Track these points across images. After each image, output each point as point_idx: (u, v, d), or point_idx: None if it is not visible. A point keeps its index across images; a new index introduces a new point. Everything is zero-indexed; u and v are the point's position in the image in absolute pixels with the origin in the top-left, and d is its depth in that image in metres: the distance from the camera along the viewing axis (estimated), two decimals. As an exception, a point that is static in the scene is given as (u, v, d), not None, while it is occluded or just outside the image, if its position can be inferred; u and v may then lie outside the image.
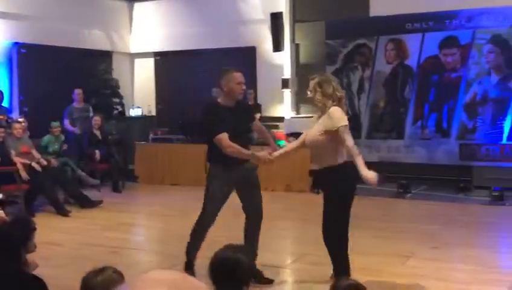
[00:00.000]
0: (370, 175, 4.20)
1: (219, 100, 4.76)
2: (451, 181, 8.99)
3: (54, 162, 8.19)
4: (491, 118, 8.99)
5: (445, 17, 9.15)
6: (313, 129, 4.39)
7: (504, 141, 8.88)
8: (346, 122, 4.23)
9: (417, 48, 9.43)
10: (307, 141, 4.46)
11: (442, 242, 6.02)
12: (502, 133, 8.90)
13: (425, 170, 9.36)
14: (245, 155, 4.50)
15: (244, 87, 4.77)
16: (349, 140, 4.23)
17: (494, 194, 8.16)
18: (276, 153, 4.65)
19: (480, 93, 9.05)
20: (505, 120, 8.87)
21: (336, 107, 4.28)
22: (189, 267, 4.77)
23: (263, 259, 5.20)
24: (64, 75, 10.39)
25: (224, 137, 4.44)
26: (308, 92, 4.44)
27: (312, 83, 4.39)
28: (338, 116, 4.24)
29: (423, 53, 9.40)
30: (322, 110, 4.34)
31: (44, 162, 7.99)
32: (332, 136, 4.24)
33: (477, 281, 4.75)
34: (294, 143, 4.77)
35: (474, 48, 9.04)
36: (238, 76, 4.67)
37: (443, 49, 9.26)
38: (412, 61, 9.49)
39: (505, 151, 8.89)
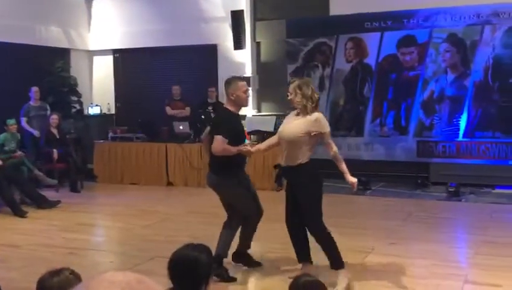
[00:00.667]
0: (353, 180, 4.74)
1: (228, 107, 4.97)
2: (409, 177, 9.16)
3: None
4: (447, 116, 9.19)
5: (403, 16, 9.30)
6: (292, 128, 4.66)
7: (460, 138, 9.10)
8: (329, 128, 4.64)
9: (376, 46, 9.57)
10: (285, 136, 4.68)
11: (400, 238, 6.13)
12: (458, 130, 9.11)
13: (384, 167, 9.51)
14: (235, 150, 4.75)
15: (249, 95, 5.11)
16: (334, 145, 4.71)
17: (450, 190, 8.36)
18: (262, 145, 5.09)
19: (437, 91, 9.24)
20: (460, 118, 9.08)
21: (320, 114, 4.65)
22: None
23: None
24: (20, 73, 10.14)
25: (224, 141, 4.71)
26: (288, 94, 4.68)
27: (292, 86, 4.66)
28: (324, 122, 4.65)
29: (382, 52, 9.54)
30: (302, 111, 4.62)
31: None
32: (311, 137, 4.60)
33: (434, 276, 4.85)
34: (273, 138, 5.01)
35: (431, 47, 9.23)
36: (244, 85, 4.95)
37: (401, 48, 9.42)
38: (370, 59, 9.62)
39: (461, 148, 9.11)
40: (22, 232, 6.68)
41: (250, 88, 10.29)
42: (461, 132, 9.08)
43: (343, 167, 4.75)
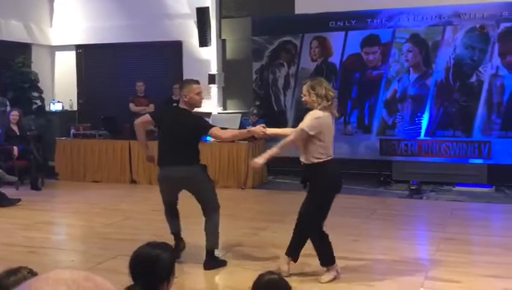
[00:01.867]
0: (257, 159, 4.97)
1: (185, 107, 5.20)
2: (372, 175, 9.28)
3: None
4: (409, 115, 9.34)
5: (367, 16, 9.40)
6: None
7: (422, 136, 9.25)
8: (310, 128, 4.64)
9: (340, 45, 9.65)
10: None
11: (363, 235, 6.21)
12: (420, 129, 9.27)
13: (347, 165, 9.58)
14: (244, 134, 5.48)
15: (203, 97, 5.39)
16: (292, 136, 4.82)
17: (412, 187, 8.49)
18: (270, 130, 5.35)
19: (400, 91, 9.38)
20: (422, 117, 9.24)
21: (319, 112, 4.67)
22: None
23: (186, 256, 5.18)
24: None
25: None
26: (302, 96, 4.79)
27: (305, 87, 4.74)
28: (309, 119, 4.69)
29: (346, 51, 9.63)
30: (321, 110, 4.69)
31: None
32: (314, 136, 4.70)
33: (395, 272, 4.92)
34: (286, 130, 5.36)
35: (395, 47, 9.36)
36: (198, 87, 5.20)
37: (365, 47, 9.52)
38: (335, 58, 9.70)
39: (422, 146, 9.26)
40: (-21, 231, 6.52)
41: (215, 84, 10.39)
42: (423, 131, 9.23)
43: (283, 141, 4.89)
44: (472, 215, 7.49)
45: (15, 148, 8.86)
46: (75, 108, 11.65)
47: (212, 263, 5.07)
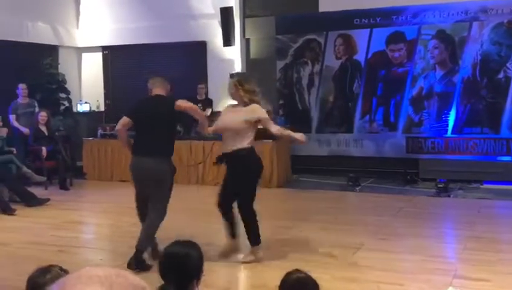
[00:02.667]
0: (299, 136, 5.19)
1: None
2: (398, 174, 9.20)
3: None
4: (436, 112, 9.24)
5: (392, 13, 9.33)
6: (233, 117, 5.12)
7: (449, 134, 9.15)
8: (266, 115, 5.11)
9: (365, 43, 9.60)
10: (227, 125, 5.16)
11: (390, 233, 6.16)
12: (446, 126, 9.17)
13: (373, 163, 9.55)
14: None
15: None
16: (273, 127, 5.16)
17: (439, 186, 8.39)
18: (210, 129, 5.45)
19: (426, 88, 9.29)
20: (449, 114, 9.14)
21: (256, 105, 5.09)
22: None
23: (214, 255, 5.20)
24: (6, 70, 10.04)
25: None
26: (228, 90, 5.24)
27: (232, 82, 5.25)
28: (261, 110, 5.10)
29: (371, 48, 9.57)
30: (240, 103, 5.14)
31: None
32: (251, 125, 5.06)
33: (424, 271, 4.88)
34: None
35: (420, 44, 9.27)
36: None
37: (390, 44, 9.45)
38: (360, 56, 9.65)
39: (449, 144, 9.16)
40: (10, 230, 6.64)
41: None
42: (450, 128, 9.13)
43: (287, 131, 5.32)
44: (500, 213, 7.39)
45: (43, 148, 9.01)
46: (102, 109, 11.78)
47: (137, 264, 4.81)
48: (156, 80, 5.41)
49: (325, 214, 7.12)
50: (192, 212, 7.32)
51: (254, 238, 5.18)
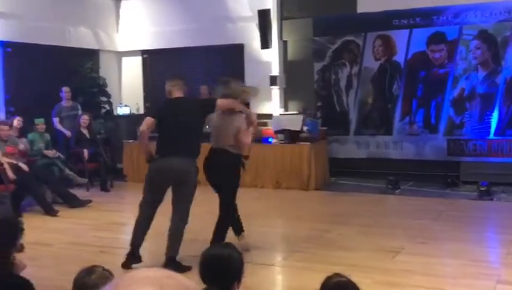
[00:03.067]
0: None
1: None
2: (439, 176, 9.03)
3: (25, 167, 7.72)
4: (478, 114, 9.05)
5: (433, 13, 9.18)
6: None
7: (491, 136, 8.94)
8: None
9: (404, 44, 9.47)
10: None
11: (430, 237, 6.06)
12: (489, 128, 8.96)
13: (413, 166, 9.41)
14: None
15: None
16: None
17: (481, 189, 8.20)
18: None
19: (468, 89, 9.10)
20: (492, 115, 8.93)
21: None
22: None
23: (253, 257, 5.21)
24: (50, 74, 10.29)
25: None
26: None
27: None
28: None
29: (411, 49, 9.44)
30: None
31: (25, 167, 7.75)
32: None
33: (465, 276, 4.78)
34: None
35: (462, 44, 9.10)
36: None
37: (430, 45, 9.30)
38: (399, 57, 9.53)
39: (492, 146, 8.96)
40: (53, 231, 6.79)
41: (277, 86, 10.41)
42: (492, 130, 8.93)
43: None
44: (546, 218, 7.17)
45: (85, 151, 9.19)
46: (141, 111, 11.93)
47: (175, 269, 4.84)
48: (176, 82, 5.38)
49: (364, 217, 7.05)
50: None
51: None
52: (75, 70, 10.72)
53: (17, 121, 8.64)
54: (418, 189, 8.79)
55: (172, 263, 4.91)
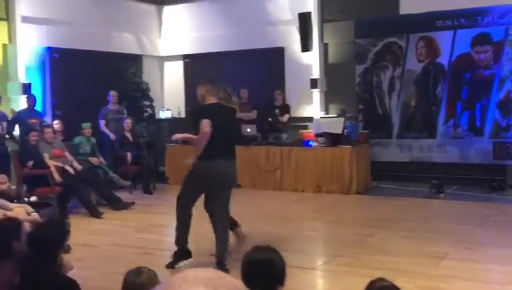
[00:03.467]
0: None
1: None
2: (484, 180, 8.82)
3: (77, 164, 8.14)
4: (526, 116, 8.80)
5: (477, 13, 8.99)
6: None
7: (539, 139, 8.68)
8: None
9: (449, 45, 9.30)
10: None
11: (476, 243, 5.92)
12: (537, 131, 8.70)
13: (458, 170, 9.22)
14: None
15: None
16: None
17: (529, 193, 7.98)
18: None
19: (514, 91, 8.87)
20: (540, 118, 8.67)
21: None
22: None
23: (294, 260, 5.19)
24: (95, 79, 10.52)
25: None
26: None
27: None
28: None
29: (455, 50, 9.26)
30: None
31: (79, 166, 8.09)
32: None
33: (513, 283, 4.65)
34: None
35: (508, 45, 8.87)
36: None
37: (475, 46, 9.10)
38: (443, 59, 9.36)
39: (540, 149, 8.69)
40: (98, 232, 6.93)
41: (317, 89, 10.37)
42: (541, 133, 8.66)
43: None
44: None
45: (129, 154, 9.35)
46: (182, 115, 12.09)
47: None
48: (209, 87, 5.41)
49: (407, 222, 6.94)
50: (268, 218, 7.35)
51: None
52: (119, 75, 10.93)
53: (56, 125, 8.89)
54: (462, 193, 8.60)
55: (221, 267, 4.94)
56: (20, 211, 5.43)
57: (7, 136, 8.53)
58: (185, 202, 5.34)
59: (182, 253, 5.30)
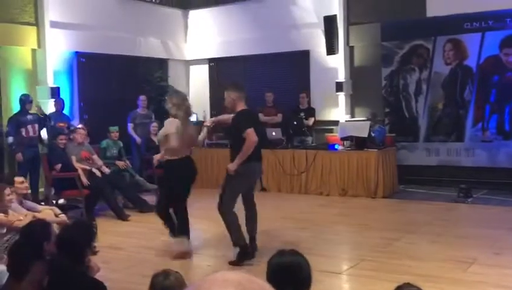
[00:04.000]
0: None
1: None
2: (514, 185, 8.66)
3: (105, 168, 8.29)
4: (556, 119, 8.62)
5: (506, 15, 8.85)
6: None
7: None
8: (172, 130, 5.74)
9: (476, 47, 9.17)
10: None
11: (505, 248, 5.81)
12: None
13: (486, 174, 9.07)
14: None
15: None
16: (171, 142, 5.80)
17: (560, 198, 7.81)
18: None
19: (544, 93, 8.70)
20: None
21: (171, 119, 5.81)
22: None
23: (319, 264, 5.17)
24: (121, 83, 10.65)
25: None
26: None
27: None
28: (169, 126, 5.80)
29: (483, 53, 9.13)
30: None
31: (107, 170, 8.18)
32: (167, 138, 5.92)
33: (544, 289, 4.55)
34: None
35: (537, 47, 8.71)
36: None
37: (504, 48, 8.96)
38: (471, 61, 9.24)
39: None
40: (124, 234, 6.99)
41: (343, 92, 10.33)
42: None
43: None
44: None
45: (154, 157, 9.39)
46: (208, 118, 12.13)
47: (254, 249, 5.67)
48: (240, 94, 5.81)
49: (435, 226, 6.85)
50: (294, 221, 7.33)
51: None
52: (146, 79, 11.03)
53: (80, 129, 9.00)
54: (491, 197, 8.46)
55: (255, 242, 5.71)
56: (48, 213, 5.51)
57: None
58: (231, 206, 5.71)
59: (246, 253, 5.58)
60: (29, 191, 6.65)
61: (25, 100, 8.41)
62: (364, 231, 6.78)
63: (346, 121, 10.03)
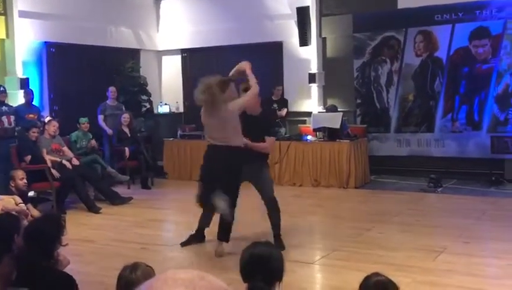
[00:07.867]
0: None
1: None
2: (482, 175, 8.83)
3: (75, 160, 8.20)
4: (524, 110, 8.80)
5: (476, 7, 8.97)
6: None
7: (537, 133, 8.68)
8: None
9: (447, 39, 9.28)
10: None
11: (474, 237, 5.93)
12: (535, 125, 8.70)
13: (456, 164, 9.22)
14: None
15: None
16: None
17: (527, 187, 7.98)
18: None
19: (513, 85, 8.86)
20: (538, 112, 8.67)
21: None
22: None
23: (292, 255, 5.20)
24: (92, 73, 10.50)
25: None
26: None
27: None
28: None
29: (453, 45, 9.24)
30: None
31: (77, 162, 8.09)
32: None
33: (510, 276, 4.67)
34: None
35: (506, 39, 8.85)
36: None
37: (473, 40, 9.09)
38: (441, 53, 9.35)
39: (538, 143, 8.69)
40: (96, 227, 6.93)
41: (316, 83, 10.36)
42: (539, 127, 8.66)
43: None
44: None
45: (126, 149, 9.33)
46: (181, 110, 12.07)
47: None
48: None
49: (405, 216, 6.95)
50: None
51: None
52: (117, 70, 10.90)
53: (54, 121, 8.87)
54: (460, 187, 8.62)
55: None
56: (9, 201, 5.43)
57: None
58: None
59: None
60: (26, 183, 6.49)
61: (-3, 90, 8.25)
62: (336, 221, 6.84)
63: (319, 112, 10.08)
